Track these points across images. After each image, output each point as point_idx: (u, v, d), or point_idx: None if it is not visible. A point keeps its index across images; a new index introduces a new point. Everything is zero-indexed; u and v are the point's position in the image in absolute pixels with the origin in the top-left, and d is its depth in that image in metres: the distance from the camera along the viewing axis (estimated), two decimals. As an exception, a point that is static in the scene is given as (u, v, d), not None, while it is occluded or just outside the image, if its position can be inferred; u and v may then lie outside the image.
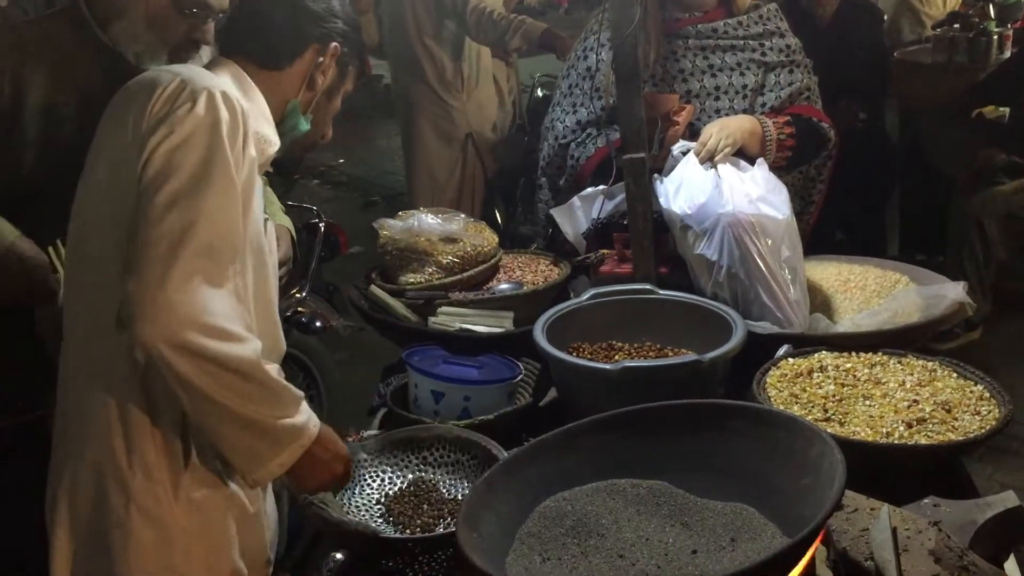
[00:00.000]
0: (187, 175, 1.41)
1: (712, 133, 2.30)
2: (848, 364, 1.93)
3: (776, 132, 2.42)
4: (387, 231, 2.40)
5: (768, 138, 2.41)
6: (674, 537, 1.44)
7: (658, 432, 1.59)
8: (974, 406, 1.75)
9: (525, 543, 1.45)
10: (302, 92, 1.67)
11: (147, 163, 1.43)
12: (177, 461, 1.54)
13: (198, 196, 1.41)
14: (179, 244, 1.38)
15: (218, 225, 1.42)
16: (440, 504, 1.75)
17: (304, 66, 1.66)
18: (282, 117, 1.67)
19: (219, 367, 1.40)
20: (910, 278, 2.35)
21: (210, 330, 1.39)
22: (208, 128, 1.44)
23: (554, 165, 2.69)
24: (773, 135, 2.42)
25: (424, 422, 1.93)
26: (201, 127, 1.44)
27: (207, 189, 1.41)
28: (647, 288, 2.19)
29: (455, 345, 2.13)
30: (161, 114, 1.45)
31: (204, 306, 1.38)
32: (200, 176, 1.42)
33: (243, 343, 1.43)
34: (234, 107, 1.48)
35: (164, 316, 1.36)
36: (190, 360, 1.37)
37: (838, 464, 1.31)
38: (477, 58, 4.57)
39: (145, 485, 1.51)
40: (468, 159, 4.65)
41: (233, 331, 1.42)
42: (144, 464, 1.51)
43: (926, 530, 1.40)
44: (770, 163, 2.40)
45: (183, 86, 1.47)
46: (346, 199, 7.29)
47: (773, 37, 2.57)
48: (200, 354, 1.38)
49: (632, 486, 1.54)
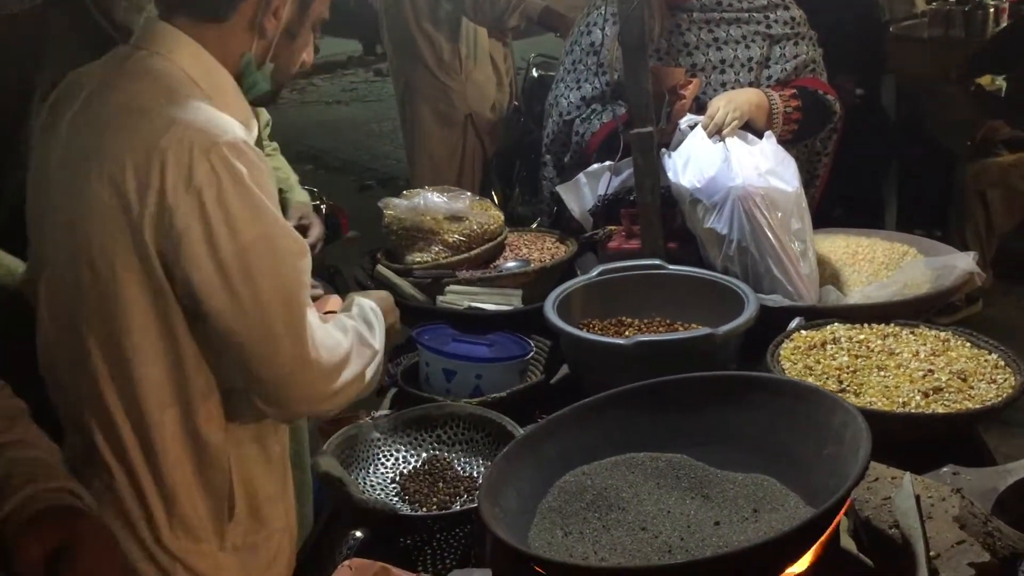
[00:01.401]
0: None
1: (719, 107, 2.28)
2: (861, 335, 1.93)
3: (783, 105, 2.41)
4: (392, 210, 2.38)
5: (775, 111, 2.40)
6: (695, 509, 1.43)
7: (676, 405, 1.58)
8: (990, 374, 1.75)
9: (547, 517, 1.44)
10: (256, 43, 1.47)
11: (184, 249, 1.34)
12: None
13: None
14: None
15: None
16: (455, 482, 1.75)
17: (251, 10, 1.45)
18: (239, 74, 1.49)
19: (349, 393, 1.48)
20: (917, 250, 2.34)
21: (332, 374, 1.45)
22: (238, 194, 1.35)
23: (559, 142, 2.68)
24: (780, 108, 2.41)
25: (436, 400, 1.92)
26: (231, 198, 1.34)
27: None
28: (656, 263, 2.18)
29: (464, 323, 2.12)
30: (179, 192, 1.32)
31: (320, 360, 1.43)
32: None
33: (344, 360, 1.48)
34: (248, 157, 1.38)
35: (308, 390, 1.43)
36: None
37: (862, 432, 1.30)
38: (475, 39, 4.53)
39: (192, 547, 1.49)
40: (468, 140, 4.63)
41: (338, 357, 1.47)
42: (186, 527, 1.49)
43: (949, 497, 1.39)
44: (777, 136, 2.39)
45: (190, 150, 1.33)
46: (341, 183, 7.24)
47: (778, 9, 2.55)
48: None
49: (651, 459, 1.53)
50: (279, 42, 1.50)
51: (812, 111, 2.49)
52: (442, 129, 4.54)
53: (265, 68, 1.51)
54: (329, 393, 1.45)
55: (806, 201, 2.16)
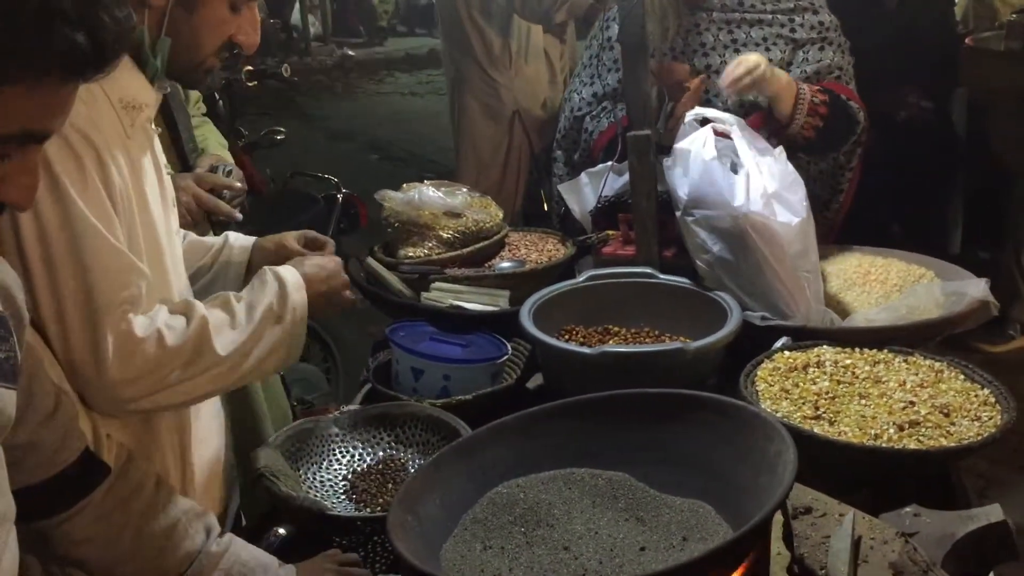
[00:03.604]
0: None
1: (751, 58, 2.17)
2: (848, 360, 1.82)
3: (810, 95, 2.30)
4: (390, 203, 2.35)
5: (801, 97, 2.28)
6: (626, 532, 1.37)
7: (623, 421, 1.52)
8: (975, 411, 1.63)
9: (468, 529, 1.39)
10: (147, 16, 1.41)
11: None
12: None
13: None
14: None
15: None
16: (405, 484, 1.70)
17: None
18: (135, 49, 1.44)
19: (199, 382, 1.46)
20: (935, 273, 2.21)
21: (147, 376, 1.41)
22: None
23: (569, 139, 2.61)
24: (807, 96, 2.29)
25: (401, 399, 1.88)
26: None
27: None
28: (647, 272, 2.10)
29: (445, 322, 2.07)
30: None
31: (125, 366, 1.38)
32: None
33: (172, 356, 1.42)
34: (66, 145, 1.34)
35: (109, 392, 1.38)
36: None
37: (790, 464, 1.22)
38: (527, 35, 4.48)
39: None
40: (515, 137, 4.59)
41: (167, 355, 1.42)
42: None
43: (892, 540, 1.30)
44: (799, 127, 2.28)
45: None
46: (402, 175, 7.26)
47: (805, 13, 2.44)
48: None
49: (591, 476, 1.47)
50: (175, 16, 1.44)
51: (837, 112, 2.36)
52: (488, 124, 4.50)
53: (160, 43, 1.45)
54: (144, 392, 1.40)
55: (813, 228, 2.04)
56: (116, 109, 1.43)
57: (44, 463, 1.22)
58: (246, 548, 1.38)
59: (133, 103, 1.45)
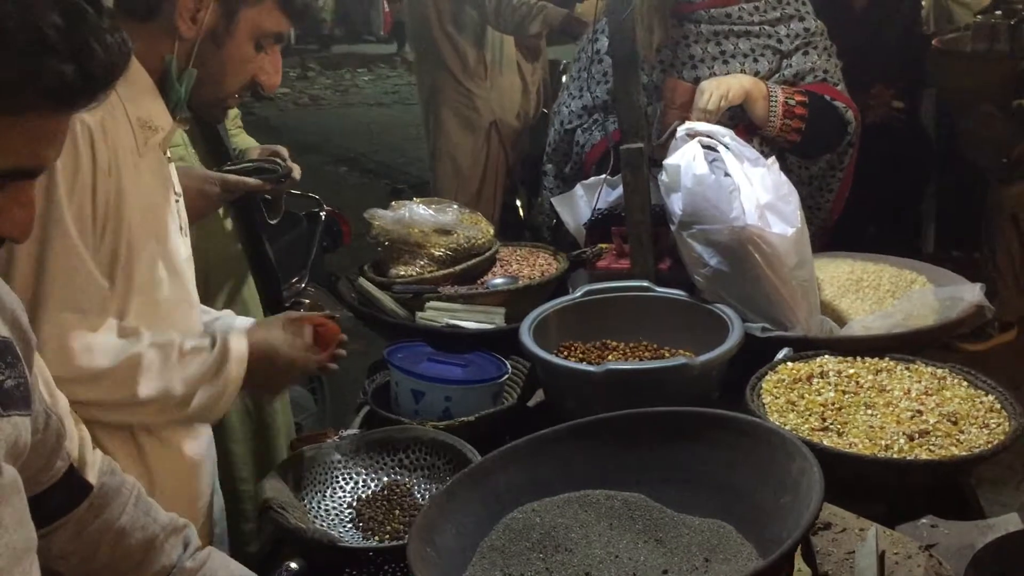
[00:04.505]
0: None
1: (707, 90, 2.24)
2: (851, 370, 1.82)
3: (783, 96, 2.32)
4: (379, 222, 2.32)
5: (773, 99, 2.31)
6: (646, 555, 1.35)
7: (637, 440, 1.50)
8: (983, 418, 1.63)
9: (487, 557, 1.37)
10: (177, 46, 1.45)
11: None
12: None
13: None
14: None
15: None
16: (413, 510, 1.67)
17: (175, 13, 1.43)
18: (162, 76, 1.47)
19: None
20: (928, 278, 2.22)
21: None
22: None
23: (560, 151, 2.60)
24: (780, 98, 2.32)
25: (403, 422, 1.85)
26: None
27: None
28: (644, 285, 2.08)
29: (441, 342, 2.04)
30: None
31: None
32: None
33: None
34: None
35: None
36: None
37: (816, 484, 1.21)
38: (500, 45, 4.48)
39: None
40: (492, 147, 4.58)
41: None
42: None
43: (916, 555, 1.29)
44: (776, 130, 2.30)
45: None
46: (373, 187, 7.23)
47: (792, 21, 2.45)
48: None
49: (607, 498, 1.46)
50: (203, 49, 1.46)
51: (820, 113, 2.38)
52: (466, 135, 4.49)
53: (187, 74, 1.47)
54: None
55: (808, 237, 2.04)
56: (132, 125, 1.44)
57: (28, 482, 1.18)
58: (225, 564, 1.35)
59: (149, 123, 1.45)
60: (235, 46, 1.48)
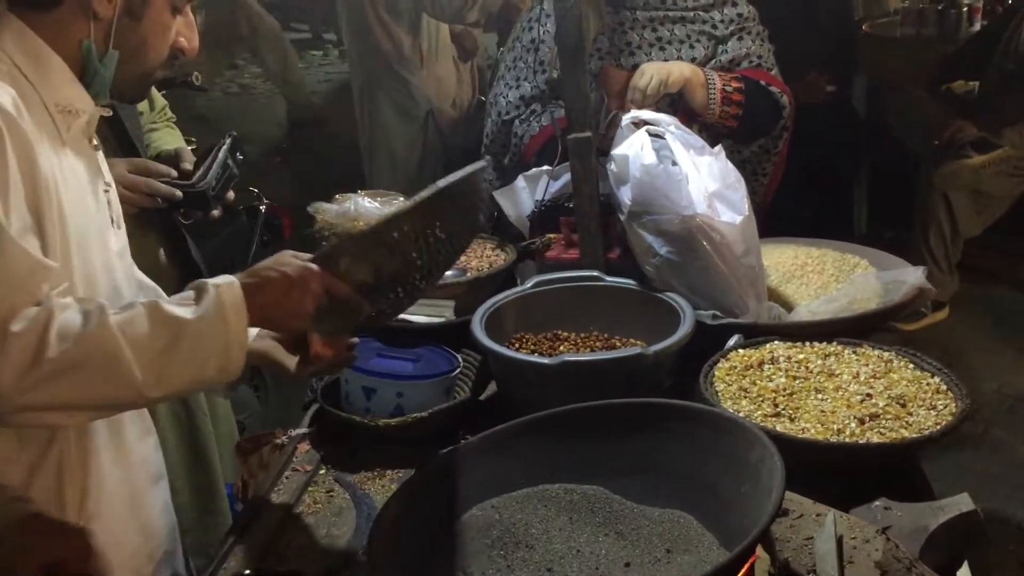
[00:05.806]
0: None
1: (647, 73, 2.27)
2: (801, 355, 1.84)
3: (721, 83, 2.35)
4: (323, 215, 2.28)
5: (711, 86, 2.34)
6: (607, 548, 1.35)
7: (594, 433, 1.50)
8: (930, 400, 1.66)
9: (447, 557, 1.36)
10: (93, 27, 1.36)
11: None
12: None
13: None
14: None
15: None
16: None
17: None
18: (82, 62, 1.38)
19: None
20: (870, 262, 2.26)
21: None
22: None
23: (498, 143, 2.58)
24: (717, 85, 2.36)
25: (354, 420, 1.82)
26: None
27: None
28: (594, 275, 2.08)
29: (391, 337, 2.01)
30: None
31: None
32: None
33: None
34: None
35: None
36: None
37: (776, 471, 1.22)
38: (436, 33, 4.43)
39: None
40: (429, 136, 4.53)
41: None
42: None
43: (873, 539, 1.31)
44: (715, 116, 2.32)
45: None
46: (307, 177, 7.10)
47: (725, 6, 2.47)
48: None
49: (565, 492, 1.45)
50: (121, 25, 1.38)
51: (756, 98, 2.42)
52: (402, 123, 4.43)
53: (109, 56, 1.39)
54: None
55: (755, 225, 2.05)
56: (52, 114, 1.36)
57: None
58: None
59: (69, 108, 1.37)
60: (155, 13, 1.41)
